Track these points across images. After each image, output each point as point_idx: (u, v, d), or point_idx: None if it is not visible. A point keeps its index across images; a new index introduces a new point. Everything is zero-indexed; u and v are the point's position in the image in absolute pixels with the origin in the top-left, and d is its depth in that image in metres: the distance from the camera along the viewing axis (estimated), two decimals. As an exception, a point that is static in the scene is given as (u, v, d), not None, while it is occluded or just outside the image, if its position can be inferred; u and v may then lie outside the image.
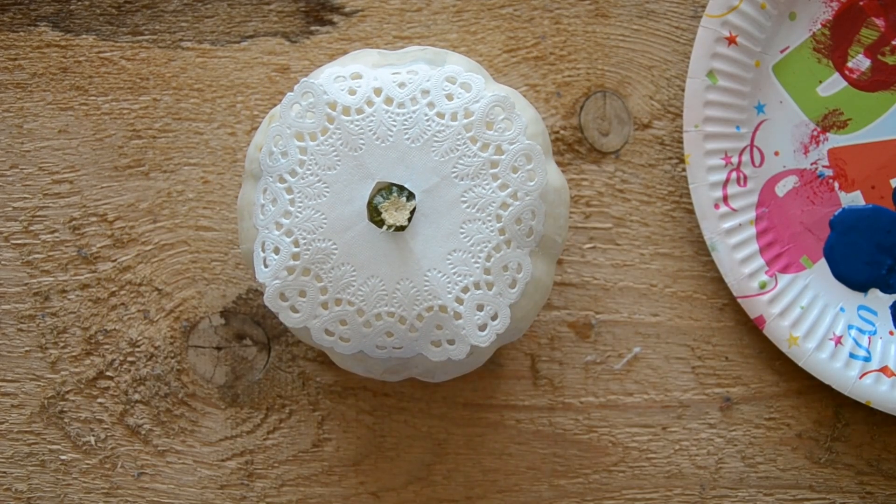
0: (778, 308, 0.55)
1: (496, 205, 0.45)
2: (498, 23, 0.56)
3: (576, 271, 0.56)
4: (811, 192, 0.55)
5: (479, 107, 0.45)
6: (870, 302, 0.55)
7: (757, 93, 0.55)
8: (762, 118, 0.55)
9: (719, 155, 0.55)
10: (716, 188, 0.55)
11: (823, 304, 0.55)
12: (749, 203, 0.55)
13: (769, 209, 0.55)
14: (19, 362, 0.56)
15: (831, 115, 0.55)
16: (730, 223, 0.55)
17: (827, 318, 0.55)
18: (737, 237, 0.55)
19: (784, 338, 0.54)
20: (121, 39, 0.56)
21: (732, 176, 0.55)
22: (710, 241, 0.55)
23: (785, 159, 0.55)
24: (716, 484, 0.56)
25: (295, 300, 0.45)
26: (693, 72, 0.54)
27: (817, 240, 0.55)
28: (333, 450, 0.56)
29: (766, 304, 0.55)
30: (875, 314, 0.55)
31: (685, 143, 0.54)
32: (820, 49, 0.55)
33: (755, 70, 0.55)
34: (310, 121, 0.45)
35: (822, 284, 0.55)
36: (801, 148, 0.55)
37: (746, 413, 0.56)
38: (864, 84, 0.55)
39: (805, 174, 0.55)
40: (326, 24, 0.56)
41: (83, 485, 0.56)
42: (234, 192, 0.56)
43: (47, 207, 0.56)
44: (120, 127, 0.56)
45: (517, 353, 0.56)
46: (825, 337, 0.55)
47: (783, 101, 0.55)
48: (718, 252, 0.54)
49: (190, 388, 0.56)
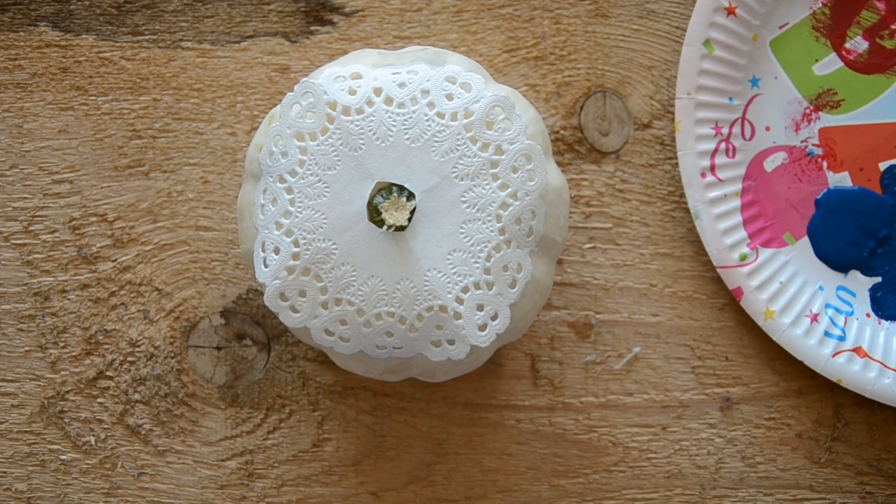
0: (756, 281, 0.55)
1: (496, 205, 0.45)
2: (498, 23, 0.56)
3: (576, 271, 0.56)
4: (799, 170, 0.55)
5: (479, 107, 0.45)
6: (849, 283, 0.55)
7: (752, 66, 0.55)
8: (756, 92, 0.55)
9: (710, 124, 0.55)
10: (704, 157, 0.55)
11: (803, 282, 0.55)
12: (736, 175, 0.55)
13: (756, 183, 0.55)
14: (19, 362, 0.56)
15: (825, 94, 0.55)
16: (715, 193, 0.55)
17: (805, 295, 0.55)
18: (721, 207, 0.55)
19: (761, 311, 0.54)
20: (121, 39, 0.56)
21: (721, 146, 0.55)
22: (693, 210, 0.55)
23: (776, 135, 0.55)
24: (716, 484, 0.56)
25: (295, 300, 0.45)
26: (690, 39, 0.54)
27: (802, 217, 0.55)
28: (333, 450, 0.56)
29: (745, 276, 0.55)
30: (854, 296, 0.55)
31: (676, 110, 0.54)
32: (819, 28, 0.55)
33: (752, 43, 0.55)
34: (310, 121, 0.45)
35: (803, 262, 0.55)
36: (793, 125, 0.55)
37: (746, 413, 0.56)
38: (861, 66, 0.55)
39: (794, 151, 0.55)
40: (326, 24, 0.56)
41: (83, 485, 0.56)
42: (234, 192, 0.56)
43: (47, 207, 0.56)
44: (120, 127, 0.56)
45: (517, 353, 0.56)
46: (801, 313, 0.55)
47: (778, 76, 0.55)
48: (701, 220, 0.54)
49: (190, 388, 0.56)
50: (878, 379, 0.54)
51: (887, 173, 0.55)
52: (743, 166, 0.55)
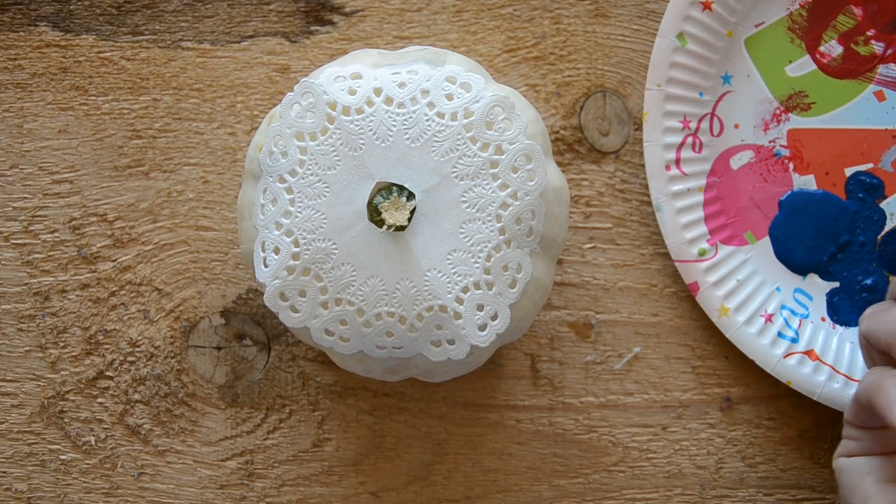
0: (714, 277, 0.55)
1: (496, 205, 0.45)
2: (498, 23, 0.56)
3: (576, 271, 0.56)
4: (765, 170, 0.55)
5: (479, 107, 0.45)
6: (807, 286, 0.55)
7: (725, 63, 0.55)
8: (727, 89, 0.55)
9: (678, 117, 0.55)
10: (669, 150, 0.55)
11: (760, 281, 0.55)
12: (701, 170, 0.55)
13: (721, 179, 0.55)
14: (19, 362, 0.56)
15: (796, 95, 0.55)
16: (678, 186, 0.55)
17: (761, 295, 0.55)
18: (683, 201, 0.55)
19: (715, 307, 0.54)
20: (121, 39, 0.56)
21: (688, 140, 0.55)
22: (655, 201, 0.55)
23: (744, 133, 0.55)
24: (716, 484, 0.56)
25: (295, 300, 0.45)
26: (663, 31, 0.54)
27: (764, 217, 0.55)
28: (333, 450, 0.56)
29: (702, 271, 0.55)
30: (810, 299, 0.55)
31: (645, 101, 0.54)
32: (795, 29, 0.55)
33: (727, 40, 0.55)
34: (310, 121, 0.45)
35: (762, 262, 0.55)
36: (762, 124, 0.55)
37: (746, 413, 0.56)
38: (834, 70, 0.55)
39: (762, 151, 0.55)
40: (326, 24, 0.56)
41: (83, 485, 0.56)
42: (234, 192, 0.56)
43: (47, 207, 0.56)
44: (120, 127, 0.56)
45: (517, 353, 0.56)
46: (756, 312, 0.55)
47: (751, 75, 0.55)
48: (662, 213, 0.54)
49: (190, 388, 0.56)
50: (828, 383, 0.54)
51: (853, 179, 0.55)
52: (709, 162, 0.55)
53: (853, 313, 0.55)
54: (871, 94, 0.55)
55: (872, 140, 0.55)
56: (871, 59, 0.55)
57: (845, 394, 0.54)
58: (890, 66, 0.55)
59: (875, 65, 0.55)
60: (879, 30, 0.54)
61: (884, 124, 0.55)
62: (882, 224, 0.55)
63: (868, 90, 0.55)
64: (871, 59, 0.55)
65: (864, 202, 0.55)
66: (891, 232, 0.55)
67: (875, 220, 0.55)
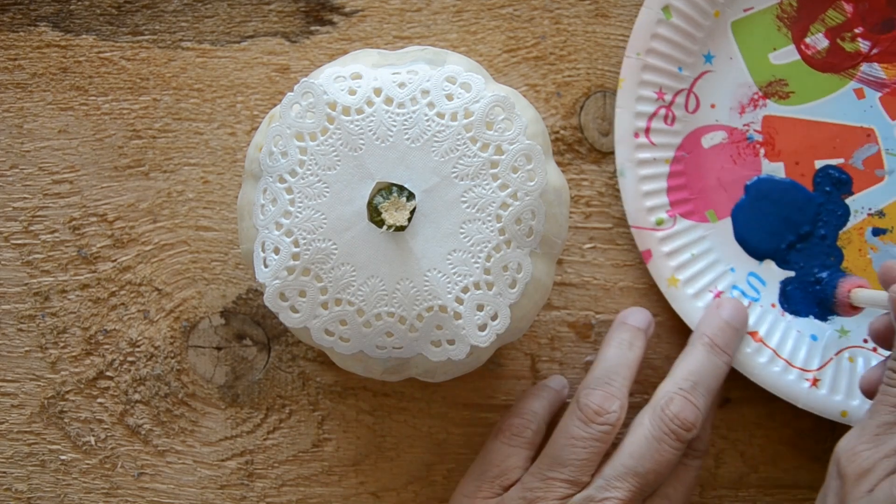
0: (668, 247, 0.55)
1: (496, 205, 0.45)
2: (498, 23, 0.56)
3: (576, 271, 0.56)
4: (736, 152, 0.55)
5: (479, 107, 0.45)
6: (762, 272, 0.55)
7: (709, 42, 0.55)
8: (708, 68, 0.55)
9: (654, 88, 0.55)
10: (641, 118, 0.55)
11: (715, 259, 0.55)
12: (671, 143, 0.55)
13: (689, 155, 0.55)
14: (19, 362, 0.56)
15: (776, 83, 0.55)
16: (644, 154, 0.55)
17: (714, 272, 0.55)
18: (648, 170, 0.55)
19: (665, 276, 0.55)
20: (121, 39, 0.56)
21: (661, 112, 0.54)
22: (619, 166, 0.55)
23: (719, 114, 0.55)
24: (716, 484, 0.56)
25: (295, 300, 0.45)
26: (649, 2, 0.54)
27: (728, 199, 0.55)
28: (333, 450, 0.56)
29: (657, 240, 0.55)
30: (764, 284, 0.55)
31: (623, 68, 0.54)
32: (783, 18, 0.55)
33: (713, 19, 0.55)
34: (310, 121, 0.45)
35: (720, 241, 0.55)
36: (738, 107, 0.55)
37: (746, 413, 0.56)
38: (817, 63, 0.55)
39: (735, 133, 0.55)
40: (326, 24, 0.56)
41: (83, 485, 0.56)
42: (234, 192, 0.56)
43: (47, 207, 0.56)
44: (120, 127, 0.56)
45: (517, 353, 0.56)
46: (706, 288, 0.55)
47: (733, 57, 0.55)
48: (625, 178, 0.54)
49: (190, 388, 0.56)
50: (768, 366, 0.54)
51: (822, 172, 0.55)
52: (680, 136, 0.55)
53: (804, 304, 0.55)
54: (851, 90, 0.55)
55: (846, 136, 0.55)
56: (856, 56, 0.55)
57: (783, 378, 0.54)
58: (874, 65, 0.55)
59: (859, 62, 0.55)
60: (867, 28, 0.54)
61: (860, 122, 0.55)
62: (845, 220, 0.55)
63: (848, 86, 0.55)
64: (855, 56, 0.55)
65: (831, 196, 0.55)
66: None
67: (839, 214, 0.55)
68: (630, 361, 0.52)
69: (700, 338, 0.52)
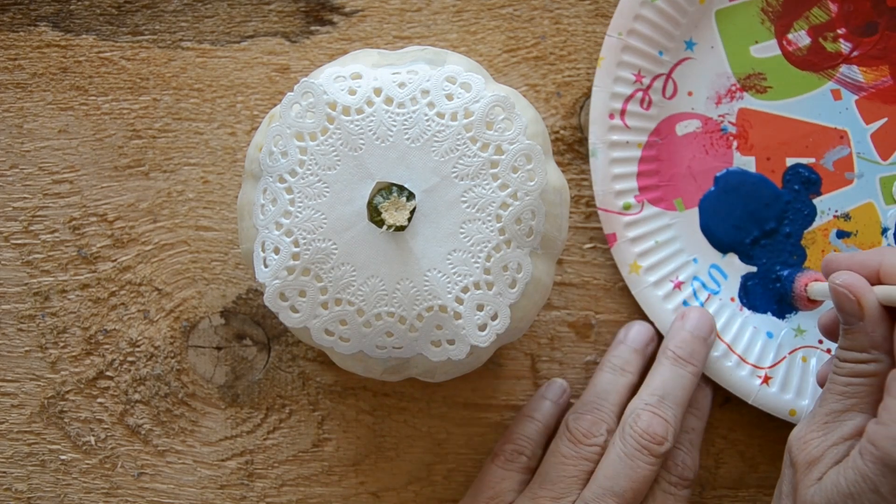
0: (633, 233, 0.55)
1: (496, 205, 0.45)
2: (498, 23, 0.56)
3: (576, 271, 0.56)
4: (709, 143, 0.55)
5: (479, 107, 0.45)
6: (725, 265, 0.55)
7: (692, 29, 0.55)
8: (688, 55, 0.55)
9: (632, 69, 0.54)
10: (617, 99, 0.54)
11: (678, 248, 0.55)
12: (645, 127, 0.55)
13: (662, 141, 0.55)
14: (19, 362, 0.56)
15: (755, 76, 0.55)
16: (617, 136, 0.55)
17: (676, 262, 0.55)
18: (620, 152, 0.55)
19: (628, 262, 0.55)
20: (121, 39, 0.56)
21: (638, 95, 0.54)
22: (591, 146, 0.55)
23: (696, 102, 0.55)
24: (716, 484, 0.56)
25: (295, 300, 0.45)
26: None
27: (697, 189, 0.55)
28: (333, 450, 0.56)
29: (623, 224, 0.55)
30: (725, 277, 0.55)
31: (603, 48, 0.54)
32: (767, 11, 0.55)
33: (698, 6, 0.54)
34: (310, 121, 0.45)
35: (685, 230, 0.55)
36: (715, 97, 0.55)
37: (746, 413, 0.56)
38: (797, 59, 0.55)
39: (710, 123, 0.55)
40: (326, 24, 0.56)
41: (83, 485, 0.56)
42: (234, 192, 0.56)
43: (47, 207, 0.56)
44: (120, 127, 0.56)
45: (517, 353, 0.56)
46: (667, 277, 0.55)
47: (715, 46, 0.55)
48: (597, 158, 0.54)
49: (190, 388, 0.56)
50: (721, 360, 0.54)
51: (792, 170, 0.55)
52: (654, 121, 0.55)
53: (764, 300, 0.55)
54: (829, 90, 0.55)
55: (819, 136, 0.55)
56: (836, 57, 0.55)
57: (736, 373, 0.54)
58: (853, 67, 0.55)
59: (838, 63, 0.55)
60: (850, 30, 0.54)
61: (834, 123, 0.55)
62: (811, 219, 0.55)
63: (826, 86, 0.55)
64: (835, 57, 0.55)
65: (799, 194, 0.55)
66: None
67: (805, 213, 0.55)
68: (620, 387, 0.53)
69: (664, 352, 0.53)
